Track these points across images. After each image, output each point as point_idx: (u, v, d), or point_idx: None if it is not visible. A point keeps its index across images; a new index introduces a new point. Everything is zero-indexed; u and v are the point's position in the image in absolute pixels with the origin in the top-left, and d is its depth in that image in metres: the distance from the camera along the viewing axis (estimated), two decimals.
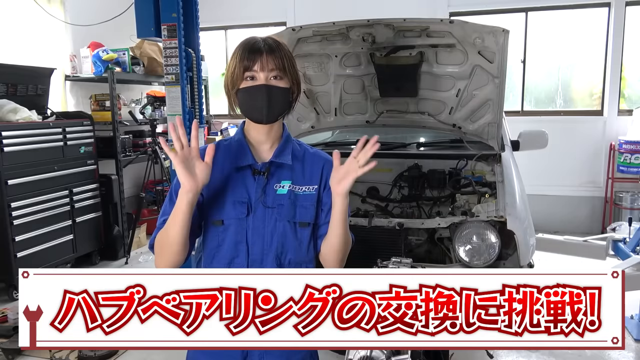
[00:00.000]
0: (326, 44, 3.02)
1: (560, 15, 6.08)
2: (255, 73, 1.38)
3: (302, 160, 1.51)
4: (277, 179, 1.46)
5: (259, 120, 1.43)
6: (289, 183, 1.46)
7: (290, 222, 1.44)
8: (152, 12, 3.92)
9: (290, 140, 1.52)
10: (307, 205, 1.46)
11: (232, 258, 1.44)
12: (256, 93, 1.39)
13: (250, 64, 1.37)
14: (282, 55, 1.39)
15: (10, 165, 4.10)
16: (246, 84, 1.40)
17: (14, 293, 4.20)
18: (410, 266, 1.48)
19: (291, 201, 1.45)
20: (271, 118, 1.43)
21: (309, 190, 1.47)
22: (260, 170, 1.45)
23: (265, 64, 1.37)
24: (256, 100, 1.40)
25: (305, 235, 1.47)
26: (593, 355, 3.24)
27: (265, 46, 1.38)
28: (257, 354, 1.43)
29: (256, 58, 1.37)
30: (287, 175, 1.47)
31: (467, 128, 3.19)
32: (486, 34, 2.65)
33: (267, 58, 1.37)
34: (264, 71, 1.38)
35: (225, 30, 7.13)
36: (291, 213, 1.44)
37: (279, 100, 1.41)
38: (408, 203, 3.03)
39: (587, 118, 6.06)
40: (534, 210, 3.09)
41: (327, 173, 1.49)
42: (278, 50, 1.39)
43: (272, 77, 1.39)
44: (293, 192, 1.46)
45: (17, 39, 4.92)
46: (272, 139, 1.49)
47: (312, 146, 1.62)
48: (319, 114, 3.46)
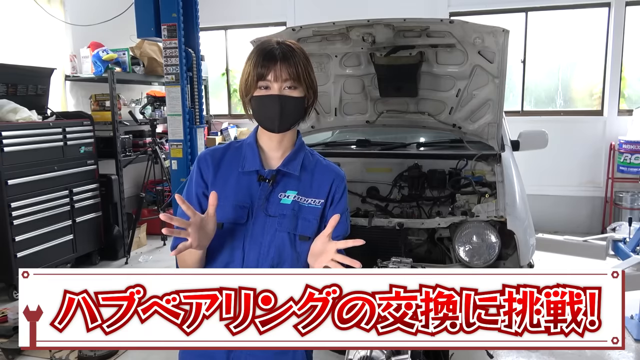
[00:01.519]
0: (326, 44, 3.02)
1: (560, 15, 6.08)
2: (269, 83, 1.35)
3: (312, 171, 1.47)
4: (282, 188, 1.43)
5: (271, 129, 1.41)
6: (294, 193, 1.43)
7: (290, 234, 1.41)
8: (152, 12, 3.93)
9: (302, 149, 1.49)
10: (310, 218, 1.43)
11: (226, 263, 1.42)
12: (269, 103, 1.36)
13: (264, 72, 1.34)
14: (296, 62, 1.35)
15: (10, 165, 4.10)
16: (260, 93, 1.37)
17: (14, 293, 4.21)
18: (410, 266, 1.47)
19: (294, 212, 1.42)
20: (283, 128, 1.40)
21: (315, 203, 1.44)
22: (266, 177, 1.42)
23: (279, 74, 1.34)
24: (269, 110, 1.37)
25: (304, 249, 1.42)
26: (593, 356, 3.24)
27: (280, 54, 1.34)
28: (243, 354, 1.41)
29: (270, 67, 1.33)
30: (293, 185, 1.44)
31: (467, 128, 3.19)
32: (486, 34, 2.65)
33: (281, 67, 1.33)
34: (278, 81, 1.34)
35: (225, 30, 7.13)
36: (292, 225, 1.41)
37: (292, 111, 1.38)
38: (408, 203, 3.03)
39: (587, 118, 6.06)
40: (534, 210, 3.09)
41: (335, 188, 1.47)
42: (292, 58, 1.35)
43: (286, 87, 1.36)
44: (298, 203, 1.43)
45: (17, 39, 4.92)
46: (284, 147, 1.46)
47: (312, 147, 1.61)
48: (319, 114, 3.46)
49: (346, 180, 1.53)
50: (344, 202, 1.49)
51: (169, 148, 4.19)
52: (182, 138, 4.07)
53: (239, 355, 1.41)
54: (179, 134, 4.07)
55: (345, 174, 1.53)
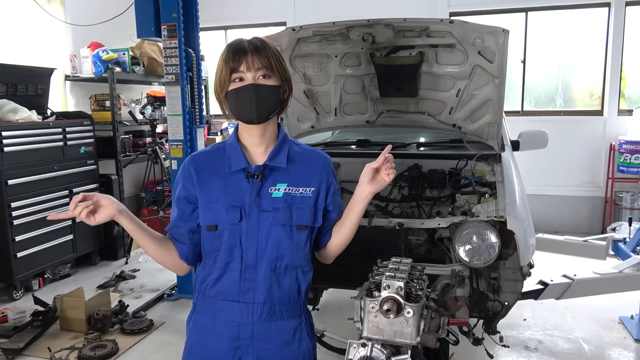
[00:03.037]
0: (326, 44, 3.02)
1: (560, 15, 6.08)
2: (242, 74, 1.37)
3: (299, 161, 1.49)
4: (272, 182, 1.44)
5: (250, 120, 1.42)
6: (284, 186, 1.45)
7: (286, 226, 1.43)
8: (152, 12, 3.92)
9: (286, 141, 1.50)
10: (303, 207, 1.45)
11: (227, 262, 1.44)
12: (244, 93, 1.38)
13: (236, 65, 1.36)
14: (268, 54, 1.38)
15: (10, 165, 4.10)
16: (234, 86, 1.39)
17: (13, 293, 4.21)
18: (411, 266, 1.47)
19: (287, 204, 1.43)
20: (262, 117, 1.41)
21: (306, 192, 1.46)
22: (254, 174, 1.43)
23: (251, 64, 1.36)
24: (245, 100, 1.38)
25: (302, 237, 1.45)
26: (593, 356, 3.24)
27: (250, 46, 1.38)
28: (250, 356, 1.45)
29: (242, 58, 1.36)
30: (282, 178, 1.45)
31: (467, 128, 3.19)
32: (486, 34, 2.65)
33: (252, 57, 1.36)
34: (251, 71, 1.37)
35: (225, 30, 7.13)
36: (287, 216, 1.43)
37: (268, 99, 1.39)
38: (408, 203, 3.03)
39: (587, 118, 6.06)
40: (534, 210, 3.09)
41: (326, 174, 1.49)
42: (264, 50, 1.38)
43: (260, 76, 1.38)
44: (289, 194, 1.44)
45: (17, 39, 4.92)
46: (267, 141, 1.47)
47: (314, 146, 1.62)
48: (319, 114, 3.46)
49: (331, 162, 1.55)
50: (334, 185, 1.52)
51: (169, 148, 4.18)
52: (182, 138, 4.07)
53: (246, 349, 1.43)
54: (179, 134, 4.07)
55: (329, 156, 1.56)
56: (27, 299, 4.14)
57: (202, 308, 1.49)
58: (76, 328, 3.57)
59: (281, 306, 1.45)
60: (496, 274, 2.62)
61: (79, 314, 3.56)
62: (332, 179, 1.51)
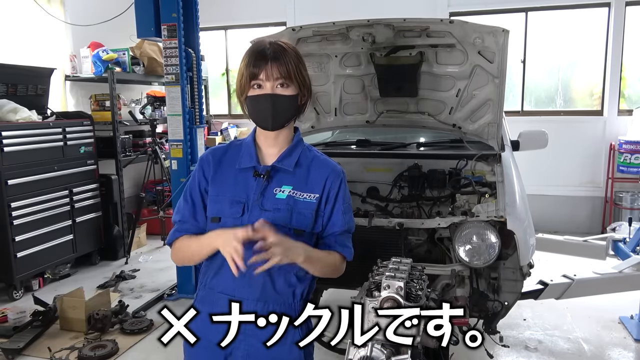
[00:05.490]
0: (326, 44, 3.02)
1: (560, 15, 6.08)
2: (261, 82, 1.40)
3: (308, 167, 1.51)
4: (277, 183, 1.47)
5: (265, 127, 1.46)
6: (289, 188, 1.47)
7: (285, 228, 1.44)
8: (152, 12, 3.93)
9: (299, 145, 1.53)
10: (305, 212, 1.46)
11: (224, 258, 1.43)
12: (262, 102, 1.41)
13: (256, 72, 1.39)
14: (287, 61, 1.40)
15: (10, 165, 4.10)
16: (253, 92, 1.42)
17: (13, 293, 4.21)
18: (410, 266, 1.47)
19: (289, 207, 1.45)
20: (277, 126, 1.45)
21: (310, 198, 1.47)
22: (261, 173, 1.47)
23: (270, 73, 1.39)
24: (262, 109, 1.42)
25: (300, 241, 1.44)
26: (593, 356, 3.24)
27: (271, 53, 1.39)
28: (240, 356, 1.46)
29: (262, 66, 1.39)
30: (288, 181, 1.48)
31: (467, 128, 3.19)
32: (486, 34, 2.65)
33: (272, 66, 1.38)
34: (270, 80, 1.39)
35: (225, 30, 7.13)
36: (287, 218, 1.45)
37: (284, 109, 1.43)
38: (408, 203, 3.03)
39: (587, 118, 6.06)
40: (534, 210, 3.09)
41: (330, 183, 1.50)
42: (283, 57, 1.40)
43: (278, 85, 1.41)
44: (293, 197, 1.46)
45: (17, 39, 4.92)
46: (281, 143, 1.51)
47: (314, 146, 1.63)
48: (319, 114, 3.46)
49: (345, 176, 1.54)
50: (342, 197, 1.51)
51: (169, 148, 4.18)
52: (182, 138, 4.07)
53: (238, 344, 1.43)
54: (179, 134, 4.07)
55: (343, 170, 1.55)
56: (27, 299, 4.14)
57: (202, 298, 1.54)
58: (76, 328, 3.57)
59: (275, 306, 1.46)
60: (496, 274, 2.63)
61: (79, 314, 3.56)
62: (341, 192, 1.51)
